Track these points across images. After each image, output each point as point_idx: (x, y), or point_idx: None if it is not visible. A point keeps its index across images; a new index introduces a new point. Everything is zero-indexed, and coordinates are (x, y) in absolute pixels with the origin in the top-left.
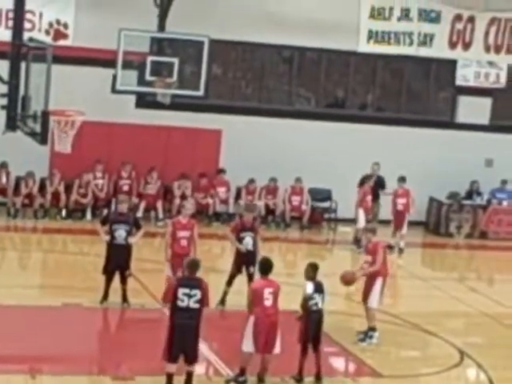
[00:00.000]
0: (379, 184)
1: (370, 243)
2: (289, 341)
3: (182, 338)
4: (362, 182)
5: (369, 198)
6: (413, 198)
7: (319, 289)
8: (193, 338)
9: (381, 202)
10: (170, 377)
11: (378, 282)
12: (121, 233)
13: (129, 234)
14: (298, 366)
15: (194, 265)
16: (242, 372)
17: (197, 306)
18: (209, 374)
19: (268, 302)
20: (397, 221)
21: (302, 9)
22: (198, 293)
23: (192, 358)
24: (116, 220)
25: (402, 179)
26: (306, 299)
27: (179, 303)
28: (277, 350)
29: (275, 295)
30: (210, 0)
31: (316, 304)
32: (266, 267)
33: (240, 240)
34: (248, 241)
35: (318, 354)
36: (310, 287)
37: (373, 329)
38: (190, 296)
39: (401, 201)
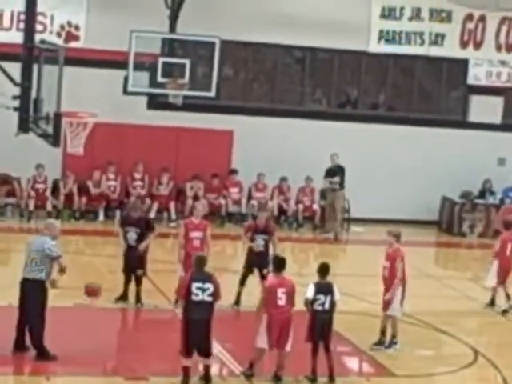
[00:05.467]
0: (340, 172)
1: (391, 249)
2: (301, 340)
3: (197, 332)
4: (327, 175)
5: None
6: None
7: (325, 290)
8: (207, 331)
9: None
10: (186, 370)
11: (398, 290)
12: (131, 235)
13: (140, 236)
14: (311, 366)
15: (202, 260)
16: (251, 366)
17: (210, 299)
18: (223, 375)
19: (281, 302)
20: None
21: (313, 9)
22: (210, 286)
23: (207, 351)
24: (127, 222)
25: None
26: (307, 302)
27: (193, 297)
28: (288, 347)
29: (288, 295)
30: (220, 1)
31: (322, 304)
32: (279, 264)
33: (252, 241)
34: (260, 243)
35: (330, 355)
36: (310, 290)
37: (395, 336)
38: (203, 290)
39: None
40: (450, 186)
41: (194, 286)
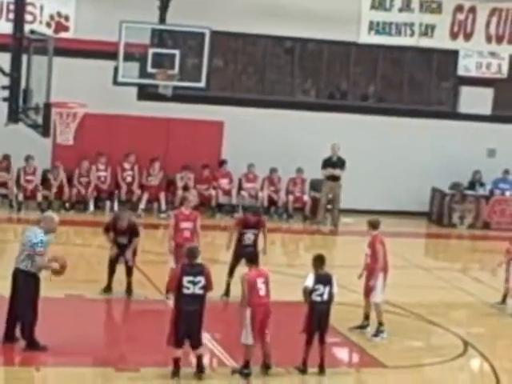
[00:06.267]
0: (339, 165)
1: (371, 236)
2: (292, 332)
3: (188, 324)
4: (324, 166)
5: None
6: None
7: (325, 280)
8: (198, 323)
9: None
10: (177, 361)
11: (379, 276)
12: (122, 240)
13: (130, 239)
14: (303, 357)
15: (194, 252)
16: (247, 365)
17: (201, 292)
18: (213, 365)
19: (261, 292)
20: None
21: (303, 0)
22: (202, 279)
23: (197, 342)
24: (116, 232)
25: None
26: (306, 291)
27: (185, 291)
28: (268, 339)
29: (266, 284)
30: None
31: (321, 295)
32: (253, 257)
33: (242, 235)
34: (249, 237)
35: (323, 346)
36: (309, 280)
37: (381, 323)
38: (194, 283)
39: None
40: (439, 177)
41: (186, 279)
